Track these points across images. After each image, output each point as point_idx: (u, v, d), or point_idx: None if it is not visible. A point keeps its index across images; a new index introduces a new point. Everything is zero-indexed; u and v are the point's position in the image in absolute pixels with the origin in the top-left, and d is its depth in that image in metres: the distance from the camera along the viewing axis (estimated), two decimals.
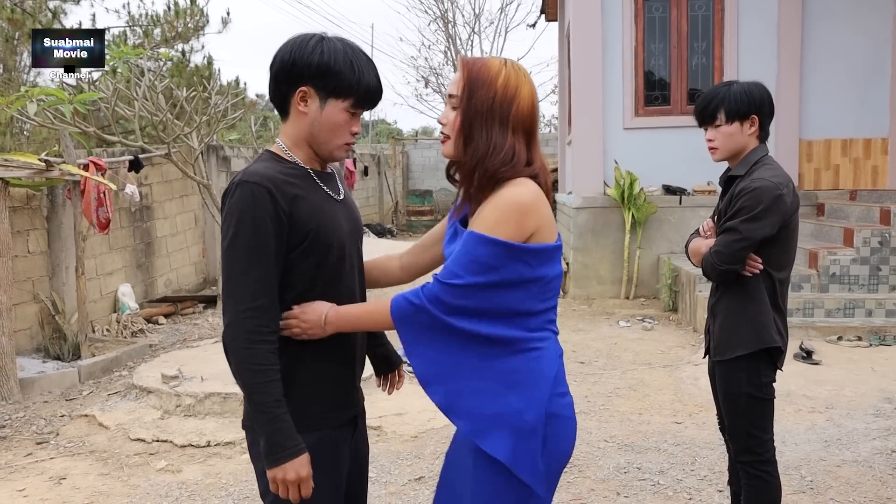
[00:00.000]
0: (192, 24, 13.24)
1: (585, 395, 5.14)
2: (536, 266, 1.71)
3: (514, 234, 1.67)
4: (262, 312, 1.67)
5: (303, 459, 1.68)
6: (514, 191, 1.69)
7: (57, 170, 5.88)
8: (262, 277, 1.68)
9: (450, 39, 17.40)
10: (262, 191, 1.68)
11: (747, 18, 8.44)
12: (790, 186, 2.61)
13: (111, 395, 5.40)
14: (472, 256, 1.66)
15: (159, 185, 8.85)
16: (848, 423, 4.46)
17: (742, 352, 2.63)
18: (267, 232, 1.67)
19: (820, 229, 7.48)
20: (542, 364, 1.74)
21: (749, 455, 2.64)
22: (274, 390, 1.67)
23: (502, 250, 1.66)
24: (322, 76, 1.73)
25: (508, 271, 1.67)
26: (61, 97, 6.39)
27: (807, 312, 6.52)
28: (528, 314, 1.73)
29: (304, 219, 1.72)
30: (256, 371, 1.67)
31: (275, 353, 1.69)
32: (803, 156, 8.46)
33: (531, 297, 1.72)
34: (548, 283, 1.75)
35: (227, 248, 1.70)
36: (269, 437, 1.67)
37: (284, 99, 1.78)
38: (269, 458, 1.67)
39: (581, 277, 8.65)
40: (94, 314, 7.12)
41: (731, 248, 2.58)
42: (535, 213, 1.69)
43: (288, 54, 1.74)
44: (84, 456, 4.36)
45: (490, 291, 1.67)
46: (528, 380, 1.72)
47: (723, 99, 2.68)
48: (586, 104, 8.73)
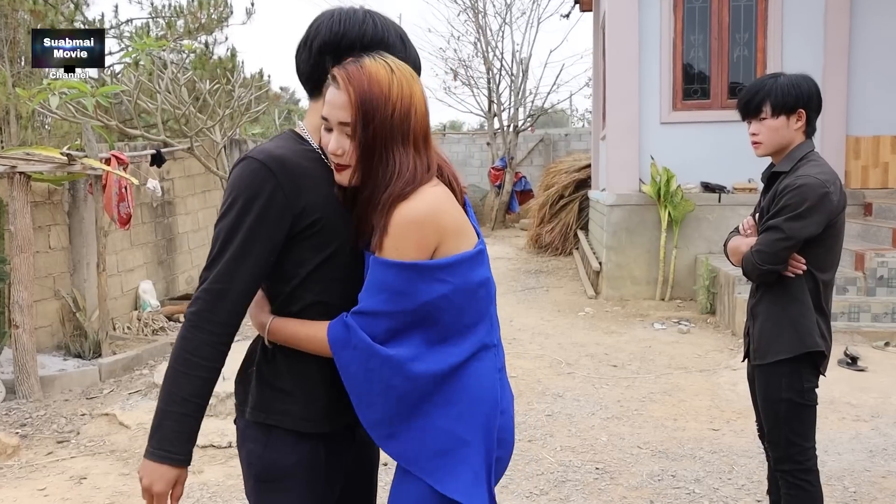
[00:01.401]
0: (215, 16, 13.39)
1: (618, 399, 5.13)
2: (454, 280, 1.63)
3: (416, 254, 1.59)
4: (213, 297, 1.59)
5: (167, 472, 1.59)
6: (406, 207, 1.59)
7: (79, 164, 6.00)
8: (231, 261, 1.59)
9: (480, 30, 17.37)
10: (265, 170, 1.60)
11: (792, 9, 8.33)
12: (837, 184, 2.59)
13: (132, 394, 5.49)
14: (381, 284, 1.59)
15: (181, 179, 8.98)
16: (894, 432, 4.40)
17: (783, 356, 2.61)
18: (257, 215, 1.59)
19: (867, 230, 7.37)
20: (482, 382, 1.69)
21: (790, 463, 2.63)
22: (186, 384, 1.59)
23: (412, 273, 1.59)
24: (374, 47, 1.66)
25: (424, 293, 1.60)
26: (83, 90, 6.51)
27: (852, 317, 6.44)
28: (459, 332, 1.66)
29: (311, 206, 1.63)
30: (181, 357, 1.59)
31: (214, 345, 1.59)
32: (850, 152, 8.34)
33: (459, 313, 1.65)
34: (473, 293, 1.67)
35: (216, 224, 1.65)
36: (153, 428, 1.61)
37: (325, 72, 1.67)
38: (146, 449, 1.62)
39: (614, 278, 8.61)
40: (115, 311, 7.24)
41: (773, 248, 2.57)
42: (433, 224, 1.61)
43: (337, 25, 1.68)
44: (105, 455, 4.44)
45: (410, 316, 1.61)
46: (467, 400, 1.67)
47: (769, 91, 2.65)
48: (622, 98, 8.69)
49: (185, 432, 1.61)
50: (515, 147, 17.36)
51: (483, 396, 1.69)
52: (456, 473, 1.65)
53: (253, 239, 1.60)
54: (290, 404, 1.70)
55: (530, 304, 8.52)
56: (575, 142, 18.40)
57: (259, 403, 1.72)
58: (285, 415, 1.70)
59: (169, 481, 1.62)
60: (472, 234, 1.71)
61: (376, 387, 1.61)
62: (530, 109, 18.20)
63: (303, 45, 1.73)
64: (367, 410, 1.64)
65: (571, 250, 12.19)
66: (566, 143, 18.50)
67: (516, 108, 17.75)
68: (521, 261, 11.85)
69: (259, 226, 1.60)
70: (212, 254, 1.63)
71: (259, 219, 1.60)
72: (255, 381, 1.74)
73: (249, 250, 1.61)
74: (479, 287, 1.69)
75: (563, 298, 8.89)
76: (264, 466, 1.71)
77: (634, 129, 8.63)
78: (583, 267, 10.44)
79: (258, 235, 1.60)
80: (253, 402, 1.73)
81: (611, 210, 8.61)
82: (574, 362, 6.08)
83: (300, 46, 1.74)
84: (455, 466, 1.65)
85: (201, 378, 1.60)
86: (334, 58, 1.67)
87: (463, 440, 1.66)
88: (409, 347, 1.62)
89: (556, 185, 12.82)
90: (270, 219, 1.61)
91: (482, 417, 1.69)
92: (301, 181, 1.63)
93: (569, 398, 5.17)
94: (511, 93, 17.81)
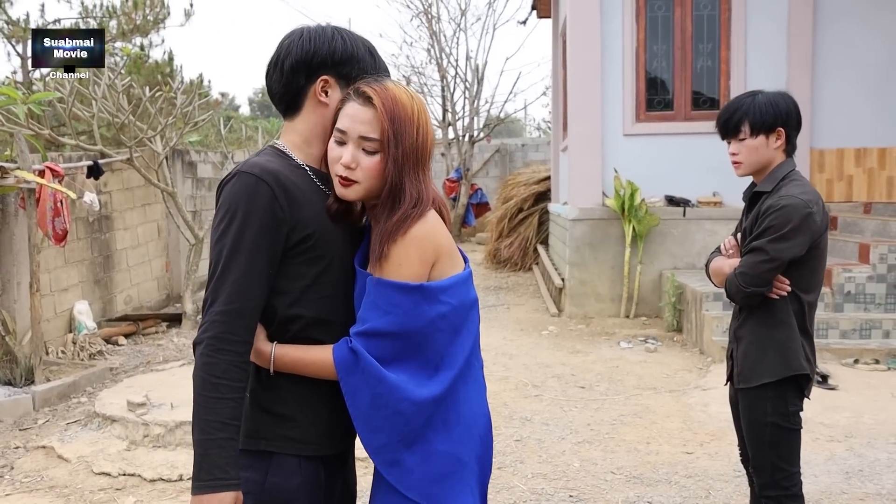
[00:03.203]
0: (151, 17, 13.21)
1: (588, 422, 5.18)
2: (452, 301, 1.75)
3: (418, 268, 1.71)
4: (233, 318, 1.64)
5: (225, 498, 1.63)
6: (416, 228, 1.71)
7: (12, 177, 5.84)
8: (242, 279, 1.66)
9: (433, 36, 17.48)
10: (261, 184, 1.68)
11: (755, 19, 8.58)
12: (819, 204, 2.67)
13: (70, 425, 5.35)
14: (388, 305, 1.69)
15: (119, 192, 8.81)
16: (869, 453, 4.53)
17: (768, 379, 2.68)
18: (258, 229, 1.66)
19: (833, 244, 7.57)
20: (475, 402, 1.83)
21: (776, 489, 2.69)
22: (221, 409, 1.63)
23: (417, 295, 1.70)
24: (345, 63, 1.79)
25: (426, 314, 1.71)
26: (14, 96, 6.36)
27: (820, 333, 6.62)
28: (452, 353, 1.77)
29: (304, 220, 1.72)
30: (208, 383, 1.63)
31: (240, 366, 1.65)
32: (814, 165, 8.60)
33: (453, 333, 1.76)
34: (466, 313, 1.80)
35: (215, 242, 1.69)
36: (198, 461, 1.63)
37: (300, 92, 1.79)
38: (193, 484, 1.64)
39: (578, 294, 8.71)
40: (48, 334, 7.05)
41: (757, 270, 2.64)
42: (433, 242, 1.73)
43: (308, 43, 1.77)
44: (43, 492, 4.32)
45: (413, 338, 1.72)
46: (464, 423, 1.79)
47: (747, 111, 2.74)
48: (584, 108, 8.82)
49: (231, 456, 1.65)
50: (471, 158, 17.49)
51: (477, 417, 1.83)
52: (458, 496, 1.76)
53: (258, 252, 1.68)
54: (293, 429, 1.77)
55: (491, 322, 8.56)
56: (532, 152, 18.61)
57: (255, 431, 1.77)
58: (289, 440, 1.76)
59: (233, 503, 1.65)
60: (460, 256, 1.84)
61: (384, 412, 1.70)
62: (486, 119, 18.35)
63: (273, 65, 1.82)
64: (373, 436, 1.72)
65: (531, 265, 12.30)
66: (523, 153, 18.70)
67: (472, 117, 17.88)
68: (479, 277, 11.90)
69: (262, 239, 1.68)
70: (216, 272, 1.68)
71: (261, 232, 1.67)
72: (248, 408, 1.76)
73: (257, 265, 1.68)
74: (472, 307, 1.83)
75: (525, 316, 8.96)
76: (267, 491, 1.75)
77: (597, 140, 8.76)
78: (544, 283, 10.54)
79: (262, 248, 1.68)
80: (246, 431, 1.76)
81: (573, 224, 8.72)
82: (541, 384, 6.13)
83: (270, 67, 1.83)
84: (457, 490, 1.76)
85: (234, 400, 1.65)
86: (307, 75, 1.78)
87: (462, 462, 1.77)
88: (412, 371, 1.73)
89: (515, 197, 12.94)
90: (271, 231, 1.68)
91: (478, 439, 1.82)
92: (294, 195, 1.72)
93: (537, 422, 5.21)
94: (466, 101, 17.95)
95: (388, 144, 1.69)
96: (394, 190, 1.72)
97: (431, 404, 1.73)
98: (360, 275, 1.78)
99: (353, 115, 1.71)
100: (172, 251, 10.02)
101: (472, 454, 1.80)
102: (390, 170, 1.71)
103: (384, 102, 1.70)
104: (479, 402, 1.86)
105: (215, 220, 1.72)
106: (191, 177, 10.65)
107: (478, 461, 1.83)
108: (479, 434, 1.83)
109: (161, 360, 7.24)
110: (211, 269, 1.70)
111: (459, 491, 1.77)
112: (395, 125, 1.69)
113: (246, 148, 13.62)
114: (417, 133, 1.73)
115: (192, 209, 10.36)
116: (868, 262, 6.93)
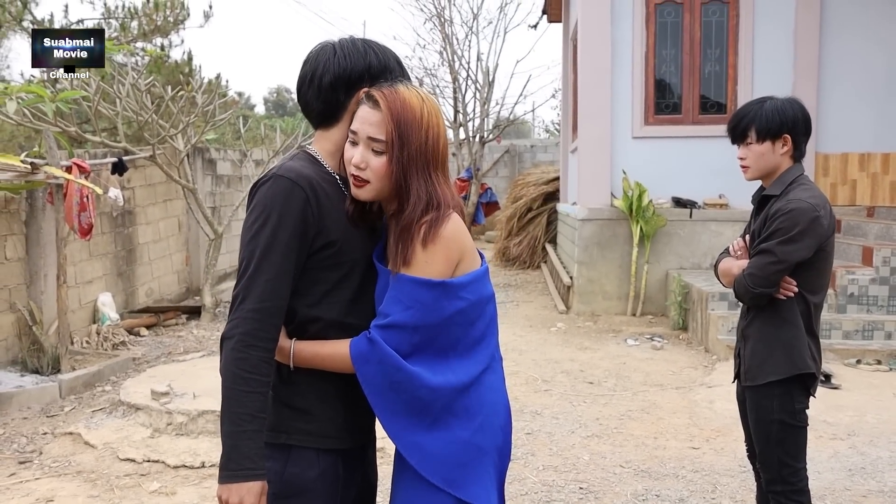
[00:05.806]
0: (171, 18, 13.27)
1: (597, 417, 5.22)
2: (471, 296, 1.79)
3: (444, 267, 1.75)
4: (264, 316, 1.69)
5: (253, 487, 1.67)
6: (444, 229, 1.75)
7: (42, 173, 5.91)
8: (274, 279, 1.70)
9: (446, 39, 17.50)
10: (297, 189, 1.72)
11: (763, 26, 8.58)
12: (827, 208, 2.70)
13: (95, 412, 5.42)
14: (411, 300, 1.73)
15: (142, 188, 8.88)
16: (872, 451, 4.56)
17: (775, 377, 2.71)
18: (291, 232, 1.71)
19: (837, 247, 7.50)
20: (496, 393, 1.87)
21: (782, 485, 2.72)
22: (251, 403, 1.67)
23: (439, 291, 1.74)
24: (380, 76, 1.82)
25: (446, 309, 1.75)
26: (42, 94, 6.43)
27: (823, 334, 6.62)
28: (471, 345, 1.82)
29: (329, 227, 1.76)
30: (239, 377, 1.67)
31: (269, 361, 1.70)
32: (819, 170, 8.61)
33: (470, 327, 1.81)
34: (483, 308, 1.84)
35: (248, 241, 1.73)
36: (227, 451, 1.68)
37: (340, 106, 1.82)
38: (221, 473, 1.68)
39: (586, 293, 8.74)
40: (73, 325, 7.12)
41: (765, 271, 2.67)
42: (458, 242, 1.78)
43: (344, 60, 1.81)
44: (71, 476, 4.38)
45: (432, 331, 1.75)
46: (486, 412, 1.83)
47: (754, 117, 2.77)
48: (593, 111, 8.85)
49: (260, 447, 1.70)
50: (481, 158, 17.51)
51: (498, 407, 1.87)
52: (478, 482, 1.80)
53: (290, 254, 1.72)
54: (311, 423, 1.81)
55: (501, 318, 8.54)
56: (541, 153, 18.64)
57: (276, 425, 1.80)
58: (307, 434, 1.80)
59: (258, 495, 1.69)
60: (477, 254, 1.88)
61: (403, 396, 1.74)
62: (496, 120, 18.37)
63: (308, 82, 1.84)
64: (392, 419, 1.76)
65: (539, 264, 12.33)
66: (532, 154, 18.73)
67: (482, 118, 17.92)
68: None
69: (294, 241, 1.72)
70: (248, 270, 1.71)
71: (293, 234, 1.72)
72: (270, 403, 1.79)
73: (288, 266, 1.72)
74: (489, 302, 1.87)
75: (534, 313, 8.99)
76: (285, 482, 1.79)
77: (606, 142, 8.79)
78: (552, 281, 10.57)
79: (293, 250, 1.72)
80: (268, 425, 1.78)
81: (582, 224, 8.75)
82: (550, 379, 6.17)
83: (304, 83, 1.85)
84: (477, 476, 1.80)
85: (263, 394, 1.70)
86: (346, 91, 1.82)
87: (482, 450, 1.81)
88: (431, 362, 1.77)
89: (525, 197, 12.96)
90: (301, 234, 1.73)
91: (499, 429, 1.86)
92: (324, 202, 1.77)
93: (547, 416, 5.25)
94: (477, 103, 17.98)
95: (393, 146, 1.73)
96: (399, 191, 1.75)
97: (450, 392, 1.76)
98: (383, 272, 1.82)
99: (363, 117, 1.75)
100: (192, 246, 10.09)
101: (492, 444, 1.84)
102: (395, 170, 1.74)
103: (391, 105, 1.73)
104: (500, 393, 1.89)
105: (248, 219, 1.75)
106: (210, 174, 10.72)
107: (497, 451, 1.86)
108: (499, 424, 1.86)
109: (182, 350, 7.31)
110: (242, 267, 1.73)
111: (479, 477, 1.80)
112: (400, 127, 1.72)
113: (262, 146, 13.67)
114: (426, 135, 1.75)
115: (212, 205, 10.44)
116: (871, 265, 6.93)
